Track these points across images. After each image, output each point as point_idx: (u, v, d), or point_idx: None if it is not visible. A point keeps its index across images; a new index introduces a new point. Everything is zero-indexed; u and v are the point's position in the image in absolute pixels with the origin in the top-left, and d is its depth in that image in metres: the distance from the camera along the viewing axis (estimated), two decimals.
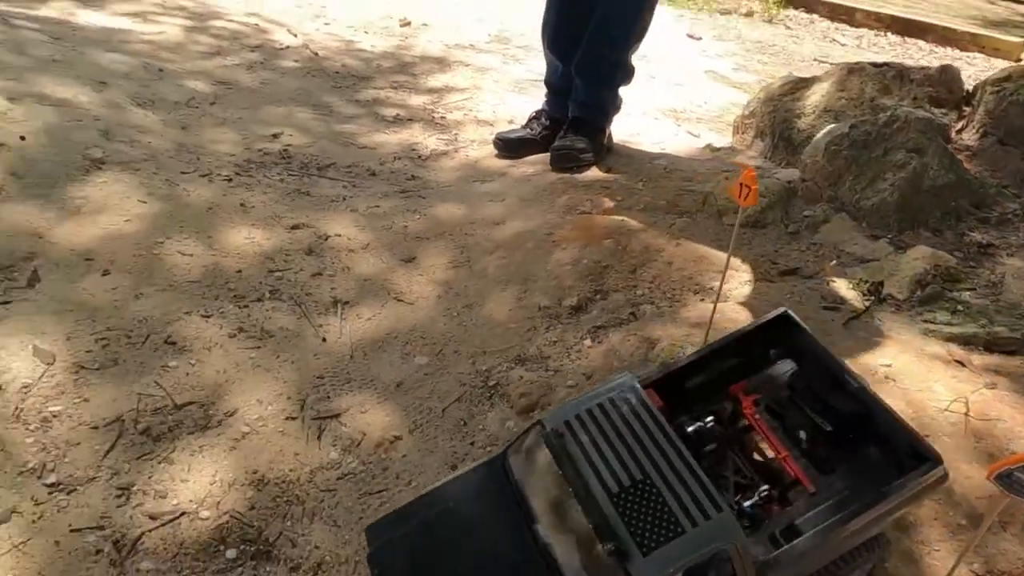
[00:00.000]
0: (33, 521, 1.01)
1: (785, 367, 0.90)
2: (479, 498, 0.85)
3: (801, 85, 2.00)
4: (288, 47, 3.18)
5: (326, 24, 3.70)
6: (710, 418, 0.87)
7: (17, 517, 1.00)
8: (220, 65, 2.82)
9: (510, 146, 2.28)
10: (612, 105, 2.17)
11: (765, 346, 0.94)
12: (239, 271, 1.56)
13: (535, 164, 2.19)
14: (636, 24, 2.02)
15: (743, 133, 2.21)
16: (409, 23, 3.88)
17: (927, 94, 1.78)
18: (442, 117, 2.67)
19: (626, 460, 0.77)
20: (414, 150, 2.36)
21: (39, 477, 1.06)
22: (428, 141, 2.44)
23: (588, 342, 1.36)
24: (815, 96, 1.92)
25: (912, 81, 1.82)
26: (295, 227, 1.75)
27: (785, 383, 0.90)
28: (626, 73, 2.15)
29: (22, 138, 1.73)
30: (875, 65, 1.93)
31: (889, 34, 5.54)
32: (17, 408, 1.14)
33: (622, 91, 2.18)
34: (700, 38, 4.73)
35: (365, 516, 1.08)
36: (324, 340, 1.41)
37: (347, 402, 1.27)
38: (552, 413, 0.84)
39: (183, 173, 1.89)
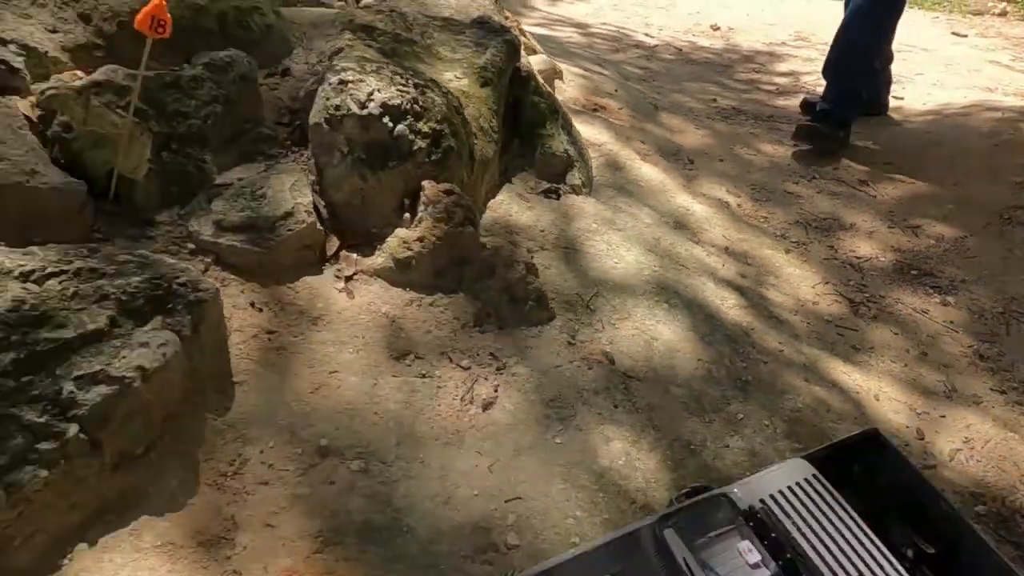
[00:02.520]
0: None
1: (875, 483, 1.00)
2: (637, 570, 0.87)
3: None
4: (656, 46, 4.26)
5: (660, 30, 4.78)
6: None
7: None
8: (629, 57, 3.93)
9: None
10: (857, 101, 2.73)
11: (849, 461, 1.04)
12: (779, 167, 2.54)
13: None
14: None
15: None
16: (719, 28, 4.89)
17: None
18: (812, 90, 3.59)
19: (835, 552, 0.82)
20: None
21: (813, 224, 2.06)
22: None
23: None
24: None
25: None
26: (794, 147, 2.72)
27: (881, 497, 0.99)
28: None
29: (615, 91, 2.84)
30: None
31: None
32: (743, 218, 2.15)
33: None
34: (965, 35, 5.39)
35: None
36: None
37: None
38: (739, 489, 0.89)
39: (696, 117, 2.93)
